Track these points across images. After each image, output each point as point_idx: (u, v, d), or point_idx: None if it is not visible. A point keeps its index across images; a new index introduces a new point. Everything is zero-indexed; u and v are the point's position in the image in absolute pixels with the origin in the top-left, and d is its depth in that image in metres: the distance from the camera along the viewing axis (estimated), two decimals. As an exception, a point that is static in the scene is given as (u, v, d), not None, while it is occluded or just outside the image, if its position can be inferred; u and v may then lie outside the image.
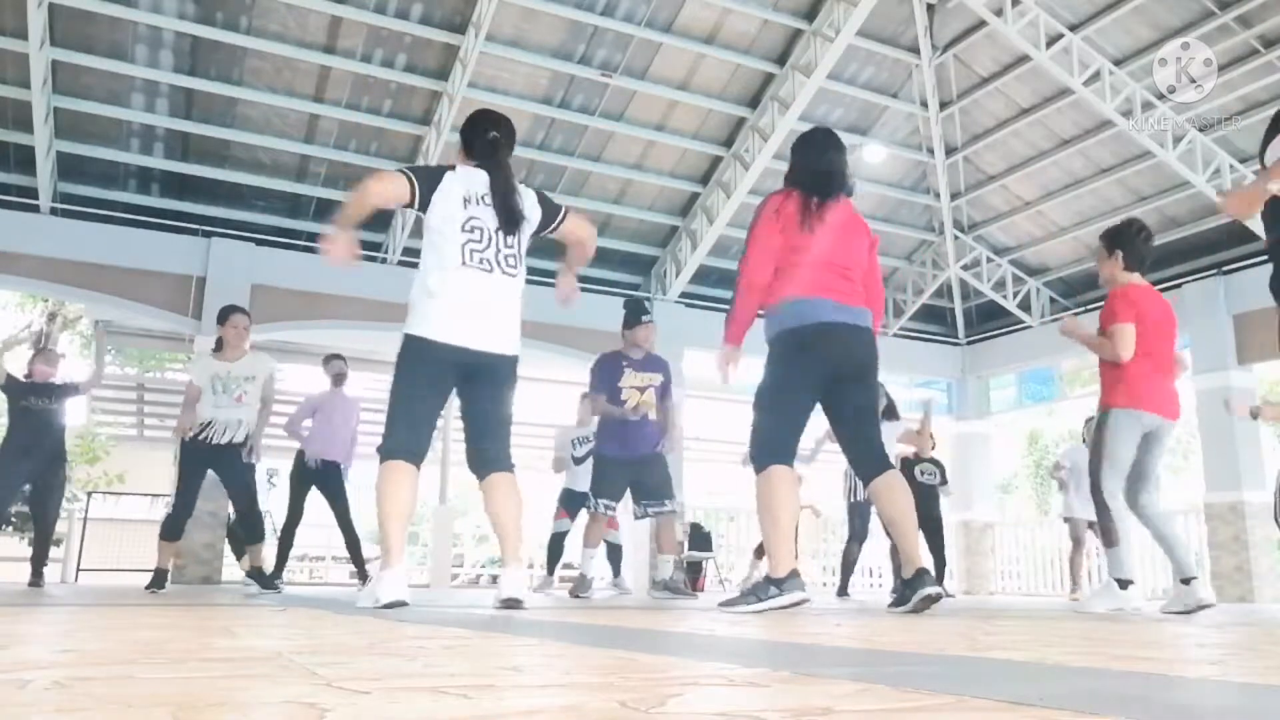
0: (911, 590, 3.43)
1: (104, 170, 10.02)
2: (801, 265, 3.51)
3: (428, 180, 3.43)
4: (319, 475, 7.29)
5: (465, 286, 3.35)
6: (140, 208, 10.26)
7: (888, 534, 4.22)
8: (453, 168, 3.59)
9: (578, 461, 7.91)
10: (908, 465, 8.89)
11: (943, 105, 11.67)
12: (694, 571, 11.02)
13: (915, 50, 11.13)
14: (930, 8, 10.75)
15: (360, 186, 3.40)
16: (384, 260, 11.14)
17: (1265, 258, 3.19)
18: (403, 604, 3.11)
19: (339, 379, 7.66)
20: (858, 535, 7.72)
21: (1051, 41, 9.71)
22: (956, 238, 12.89)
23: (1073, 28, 9.88)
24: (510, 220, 3.47)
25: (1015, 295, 12.83)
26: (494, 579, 17.32)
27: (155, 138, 10.08)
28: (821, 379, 3.53)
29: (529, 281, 4.02)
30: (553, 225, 3.75)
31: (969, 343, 13.99)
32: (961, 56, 11.15)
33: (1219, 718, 0.83)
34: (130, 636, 1.51)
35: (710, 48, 10.45)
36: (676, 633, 2.09)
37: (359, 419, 7.81)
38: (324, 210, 11.09)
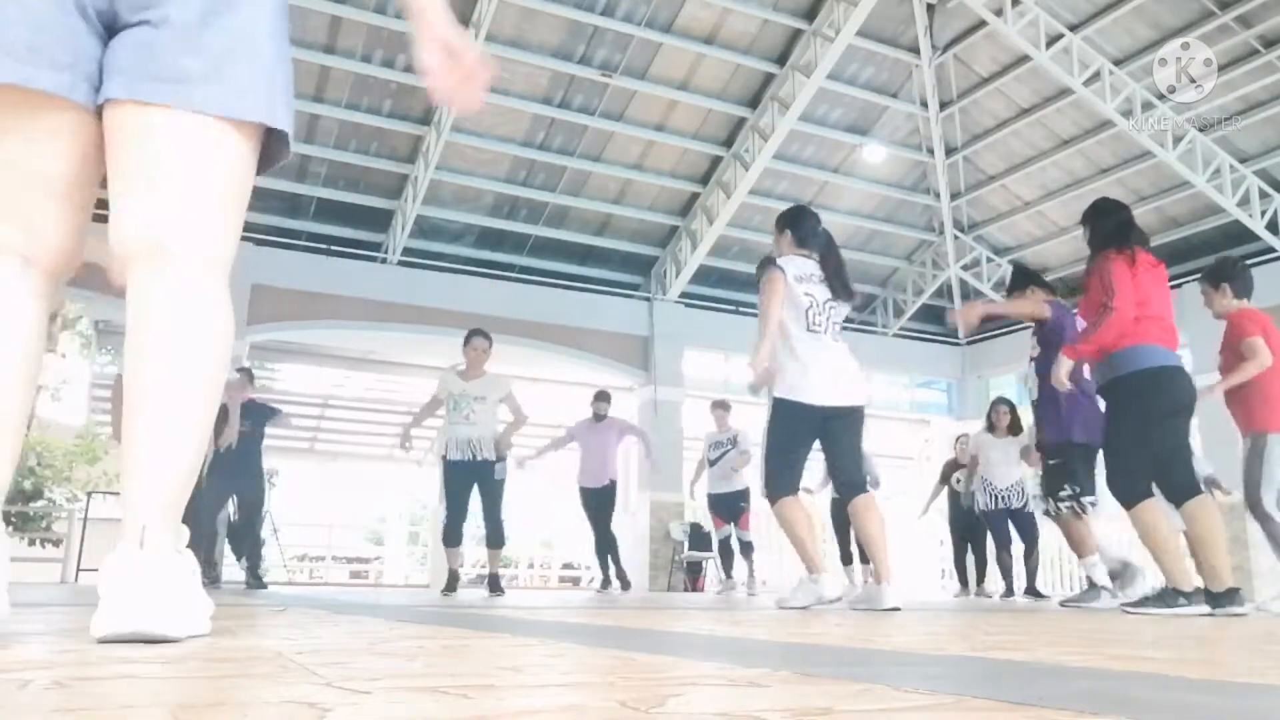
0: (1217, 605, 3.79)
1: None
2: (1146, 318, 3.95)
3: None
4: (590, 499, 8.10)
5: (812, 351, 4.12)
6: (140, 208, 10.26)
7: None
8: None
9: (712, 464, 8.48)
10: (950, 469, 8.96)
11: (943, 105, 11.68)
12: (694, 571, 11.02)
13: (915, 50, 11.14)
14: (930, 8, 10.76)
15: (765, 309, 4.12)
16: (384, 260, 11.14)
17: (1265, 258, 3.29)
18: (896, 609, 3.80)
19: (598, 416, 8.32)
20: (1003, 542, 8.00)
21: (1051, 41, 9.72)
22: (956, 238, 12.90)
23: (1073, 28, 9.88)
24: (842, 293, 4.23)
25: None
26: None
27: (155, 138, 10.08)
28: (1174, 414, 3.97)
29: (533, 283, 4.13)
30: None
31: (969, 343, 13.99)
32: (961, 56, 11.16)
33: (1219, 718, 0.83)
34: (130, 636, 1.50)
35: (710, 48, 10.45)
36: (676, 633, 2.09)
37: (622, 440, 8.44)
38: (324, 210, 11.09)
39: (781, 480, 4.13)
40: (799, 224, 4.36)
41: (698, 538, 11.40)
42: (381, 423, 15.50)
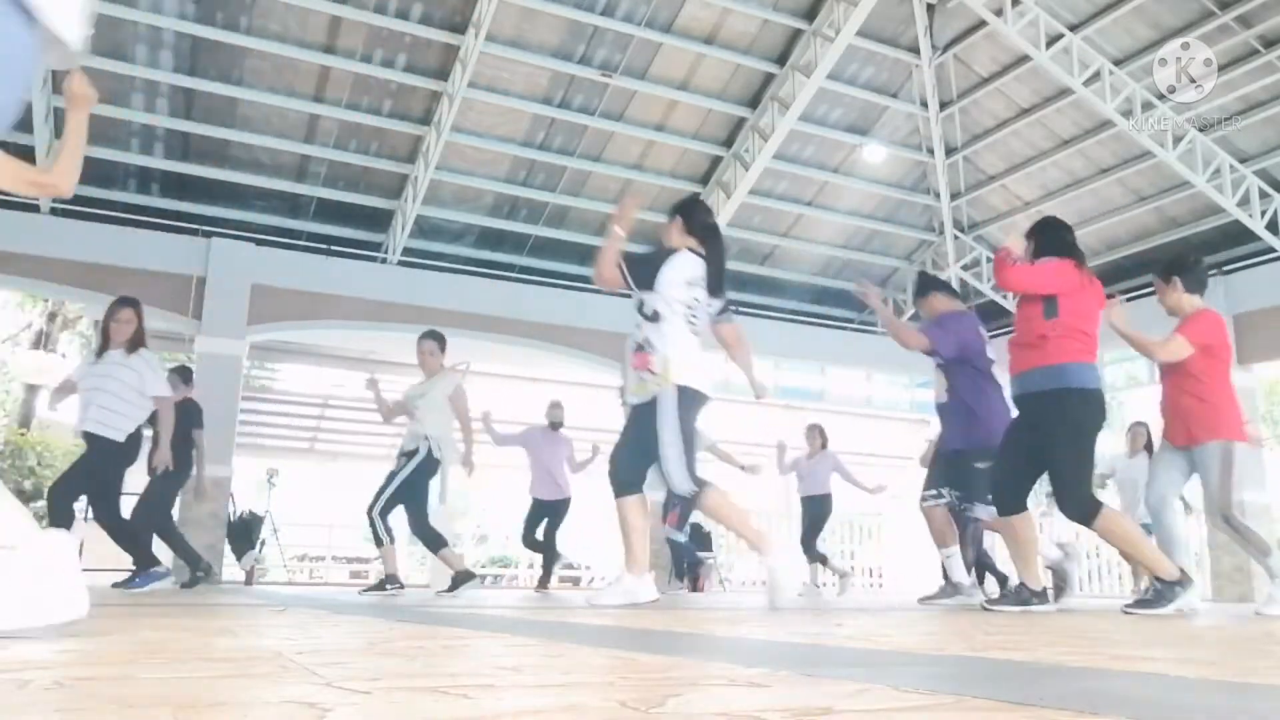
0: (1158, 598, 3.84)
1: (104, 170, 10.02)
2: (1090, 335, 3.96)
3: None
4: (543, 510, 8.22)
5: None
6: (140, 208, 10.26)
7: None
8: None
9: None
10: None
11: (943, 105, 11.67)
12: (695, 572, 11.02)
13: (915, 50, 11.13)
14: (930, 8, 10.75)
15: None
16: (384, 260, 11.13)
17: (1265, 258, 3.25)
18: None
19: (554, 425, 8.35)
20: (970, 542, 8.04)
21: (1051, 41, 9.71)
22: (956, 238, 12.89)
23: (1073, 28, 9.88)
24: (718, 292, 4.11)
25: (1015, 296, 12.83)
26: (495, 579, 17.32)
27: (155, 138, 10.08)
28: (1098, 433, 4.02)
29: (533, 283, 4.15)
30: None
31: (969, 343, 13.98)
32: (961, 56, 11.15)
33: (1219, 718, 0.83)
34: (130, 637, 1.51)
35: (710, 48, 10.45)
36: (676, 633, 2.09)
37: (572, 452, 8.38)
38: (324, 210, 11.09)
39: (696, 470, 3.86)
40: (691, 213, 4.20)
41: (698, 538, 11.40)
42: (381, 422, 15.50)
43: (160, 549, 6.16)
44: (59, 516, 5.48)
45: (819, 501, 8.90)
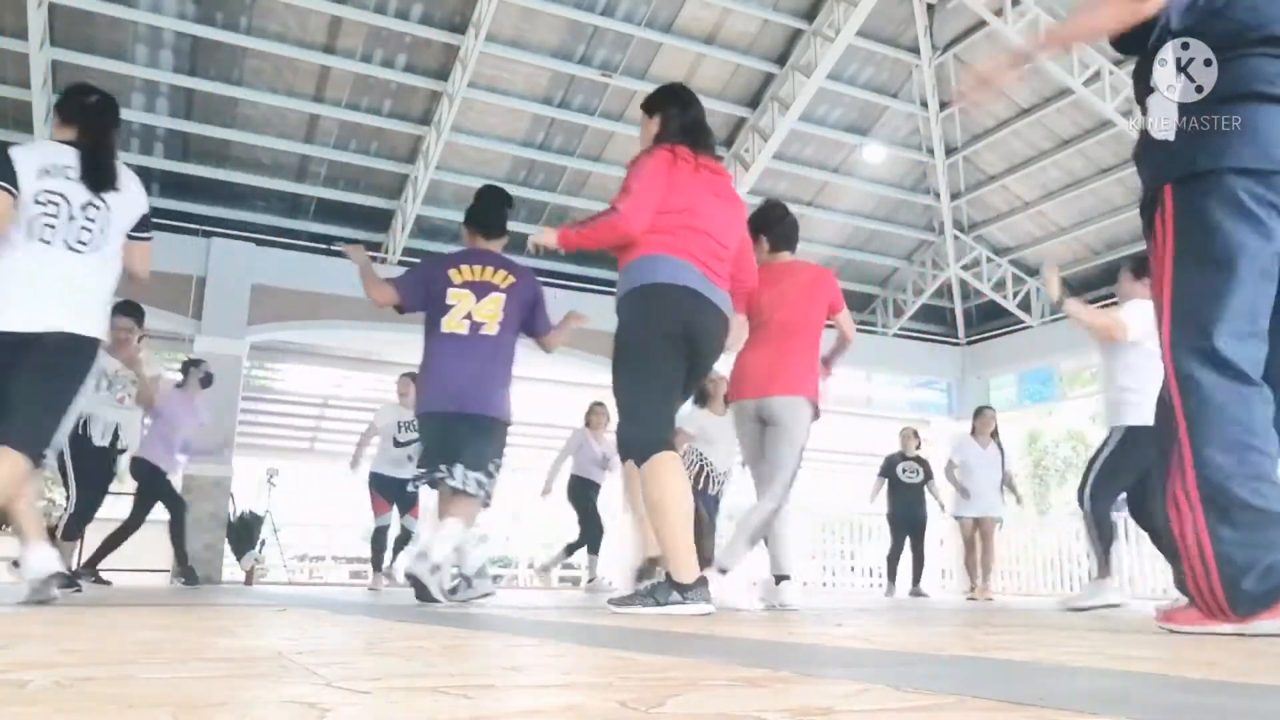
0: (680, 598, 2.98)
1: (104, 170, 10.02)
2: (683, 227, 3.18)
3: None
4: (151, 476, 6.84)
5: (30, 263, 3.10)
6: (140, 208, 10.27)
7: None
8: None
9: (399, 446, 7.63)
10: (891, 463, 9.07)
11: (943, 105, 11.68)
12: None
13: (915, 50, 11.13)
14: (930, 8, 10.76)
15: None
16: (384, 260, 11.14)
17: None
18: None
19: (206, 382, 7.32)
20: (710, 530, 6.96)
21: (1051, 41, 9.71)
22: (956, 238, 12.90)
23: (1073, 28, 9.88)
24: (100, 181, 3.21)
25: (1015, 295, 12.84)
26: (495, 579, 17.33)
27: (155, 138, 10.09)
28: (660, 341, 3.17)
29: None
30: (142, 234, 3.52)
31: (969, 343, 13.99)
32: (962, 56, 11.16)
33: (1219, 718, 0.83)
34: (130, 636, 1.50)
35: (710, 48, 10.45)
36: (676, 633, 2.09)
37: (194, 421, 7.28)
38: (324, 210, 11.10)
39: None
40: (63, 104, 3.33)
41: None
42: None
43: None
44: None
45: None
